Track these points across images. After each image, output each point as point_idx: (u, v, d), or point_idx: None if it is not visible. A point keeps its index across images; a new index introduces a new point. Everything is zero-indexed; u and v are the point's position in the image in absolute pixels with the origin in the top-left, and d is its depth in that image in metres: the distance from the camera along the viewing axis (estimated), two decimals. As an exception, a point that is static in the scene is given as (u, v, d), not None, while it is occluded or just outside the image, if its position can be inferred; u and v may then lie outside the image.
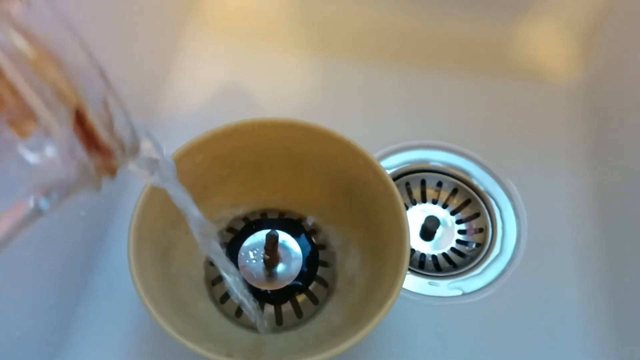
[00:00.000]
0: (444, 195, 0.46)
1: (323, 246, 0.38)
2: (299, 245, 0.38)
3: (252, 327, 0.36)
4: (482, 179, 0.45)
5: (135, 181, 0.42)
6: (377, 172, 0.35)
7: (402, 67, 0.51)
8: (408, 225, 0.32)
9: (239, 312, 0.36)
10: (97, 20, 0.37)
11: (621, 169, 0.42)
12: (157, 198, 0.34)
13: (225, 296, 0.37)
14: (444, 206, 0.45)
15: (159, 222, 0.35)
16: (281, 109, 0.48)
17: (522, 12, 0.50)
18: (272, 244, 0.35)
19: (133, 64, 0.43)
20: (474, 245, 0.43)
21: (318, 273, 0.37)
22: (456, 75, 0.50)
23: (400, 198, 0.33)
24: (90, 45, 0.37)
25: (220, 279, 0.37)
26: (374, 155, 0.45)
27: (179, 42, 0.50)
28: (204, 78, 0.49)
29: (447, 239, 0.44)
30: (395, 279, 0.31)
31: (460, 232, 0.44)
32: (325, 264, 0.38)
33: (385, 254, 0.34)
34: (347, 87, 0.50)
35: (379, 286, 0.33)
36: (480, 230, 0.44)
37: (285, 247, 0.38)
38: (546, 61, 0.50)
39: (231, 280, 0.32)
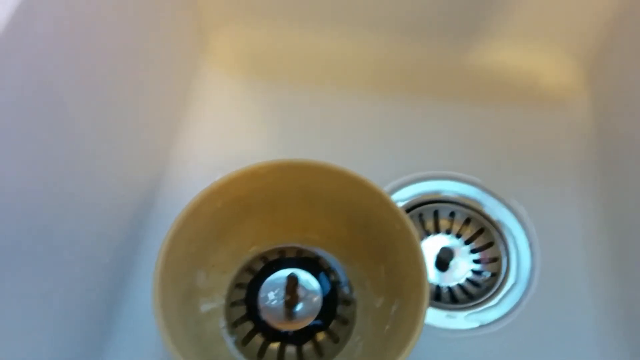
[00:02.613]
0: (457, 226, 0.46)
1: (341, 284, 0.39)
2: (318, 283, 0.38)
3: (275, 368, 0.36)
4: (494, 208, 0.46)
5: (155, 223, 0.43)
6: (392, 210, 0.36)
7: (410, 98, 0.52)
8: (426, 264, 0.33)
9: (261, 353, 0.37)
10: (110, 69, 0.38)
11: (630, 192, 0.42)
12: (180, 242, 0.35)
13: (248, 337, 0.37)
14: (458, 236, 0.46)
15: (182, 266, 0.36)
16: (295, 146, 0.49)
17: (526, 41, 0.51)
18: (292, 285, 0.35)
19: (147, 109, 0.44)
20: (489, 275, 0.44)
21: (338, 311, 0.38)
22: (464, 105, 0.51)
23: (417, 236, 0.34)
24: (105, 94, 0.38)
25: (242, 320, 0.38)
26: (386, 187, 0.47)
27: (191, 84, 0.51)
28: (217, 119, 0.50)
29: (462, 269, 0.44)
30: (415, 319, 0.31)
31: (475, 261, 0.45)
32: (344, 302, 0.38)
33: (404, 291, 0.35)
34: (357, 121, 0.50)
35: (400, 325, 0.33)
36: (495, 259, 0.44)
37: (305, 286, 0.38)
38: (552, 88, 0.51)
39: None
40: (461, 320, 0.41)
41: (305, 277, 0.39)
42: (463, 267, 0.44)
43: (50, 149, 0.32)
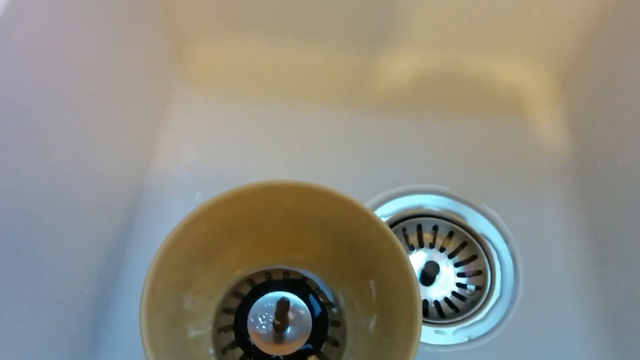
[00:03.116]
0: (440, 239, 0.46)
1: (330, 305, 0.39)
2: (307, 305, 0.38)
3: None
4: (476, 221, 0.46)
5: (135, 248, 0.42)
6: (380, 230, 0.35)
7: (388, 112, 0.52)
8: (418, 283, 0.33)
9: (252, 379, 0.36)
10: (86, 90, 0.37)
11: (609, 201, 0.43)
12: (165, 269, 0.34)
13: (237, 364, 0.37)
14: (441, 250, 0.46)
15: (167, 294, 0.35)
16: (273, 163, 0.48)
17: (502, 53, 0.52)
18: (283, 310, 0.35)
19: (123, 130, 0.43)
20: (473, 288, 0.44)
21: (328, 333, 0.37)
22: (442, 118, 0.51)
23: (407, 256, 0.34)
24: (81, 117, 0.37)
25: (231, 346, 0.37)
26: (368, 203, 0.47)
27: (167, 102, 0.50)
28: (193, 137, 0.49)
29: (447, 283, 0.44)
30: (410, 339, 0.31)
31: (459, 274, 0.45)
32: (334, 323, 0.38)
33: (396, 311, 0.34)
34: (336, 137, 0.50)
35: (394, 344, 0.33)
36: (479, 272, 0.45)
37: (293, 309, 0.38)
38: (529, 99, 0.52)
39: None
40: (450, 335, 0.41)
41: (294, 300, 0.38)
42: (448, 281, 0.45)
43: (27, 179, 0.31)
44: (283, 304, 0.35)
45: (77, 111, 0.36)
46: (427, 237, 0.47)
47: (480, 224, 0.46)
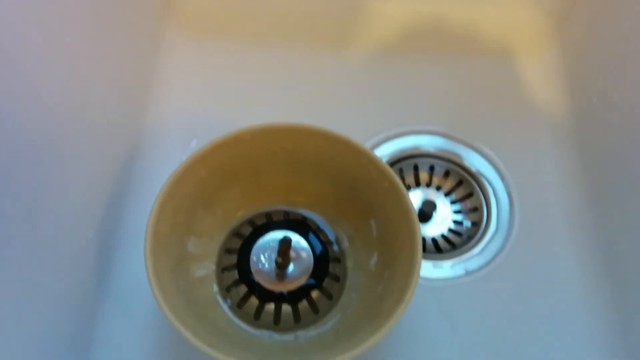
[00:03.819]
0: (436, 179, 0.47)
1: (331, 243, 0.40)
2: (308, 243, 0.39)
3: (271, 329, 0.37)
4: (472, 160, 0.47)
5: (134, 193, 0.42)
6: (379, 169, 0.36)
7: (383, 55, 0.51)
8: (417, 220, 0.33)
9: (257, 314, 0.37)
10: (76, 37, 0.37)
11: (604, 136, 0.44)
12: (167, 213, 0.35)
13: (243, 300, 0.38)
14: (438, 188, 0.47)
15: (170, 237, 0.35)
16: (269, 108, 0.48)
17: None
18: (285, 247, 0.36)
19: (115, 78, 0.42)
20: (469, 224, 0.45)
21: (329, 269, 0.38)
22: (438, 59, 0.51)
23: (406, 193, 0.34)
24: (72, 64, 0.37)
25: (235, 284, 0.38)
26: (365, 145, 0.47)
27: (158, 49, 0.49)
28: (187, 84, 0.49)
29: (443, 220, 0.45)
30: (410, 273, 0.32)
31: (456, 212, 0.46)
32: (335, 260, 0.39)
33: (396, 248, 0.35)
34: (331, 80, 0.50)
35: (394, 279, 0.34)
36: (475, 209, 0.46)
37: (295, 247, 0.38)
38: (523, 40, 0.51)
39: None
40: (447, 269, 0.42)
41: (295, 239, 0.39)
42: (445, 218, 0.45)
43: (23, 128, 0.31)
44: (285, 242, 0.35)
45: (69, 59, 0.35)
46: (424, 176, 0.47)
47: (476, 163, 0.47)
